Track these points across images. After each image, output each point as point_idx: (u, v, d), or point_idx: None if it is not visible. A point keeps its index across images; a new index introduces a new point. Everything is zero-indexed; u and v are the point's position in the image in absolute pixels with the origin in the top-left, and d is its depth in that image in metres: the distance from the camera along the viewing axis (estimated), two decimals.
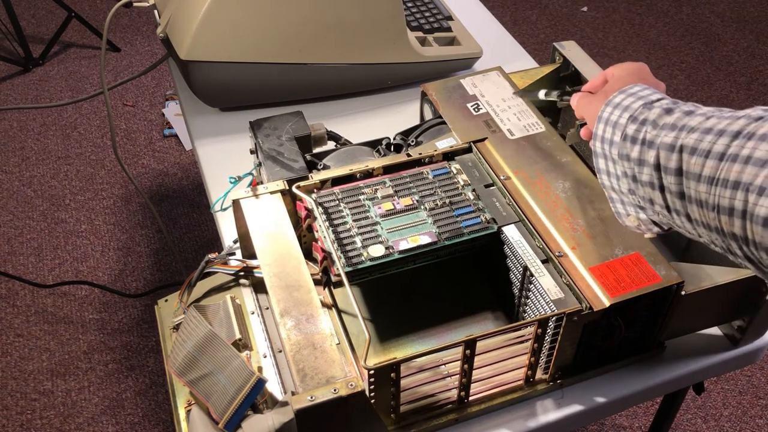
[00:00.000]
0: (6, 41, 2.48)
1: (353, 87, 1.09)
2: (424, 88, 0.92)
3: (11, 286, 1.79)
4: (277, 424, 0.59)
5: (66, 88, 2.38)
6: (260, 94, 1.05)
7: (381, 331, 0.75)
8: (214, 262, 0.77)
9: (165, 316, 0.77)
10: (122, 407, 1.56)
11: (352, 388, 0.57)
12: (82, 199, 2.02)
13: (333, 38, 1.01)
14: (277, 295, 0.64)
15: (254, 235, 0.70)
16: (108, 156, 2.15)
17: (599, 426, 1.54)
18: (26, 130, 2.23)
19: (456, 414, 0.68)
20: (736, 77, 2.50)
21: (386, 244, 0.71)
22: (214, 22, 0.95)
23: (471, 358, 0.64)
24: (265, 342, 0.71)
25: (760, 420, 1.55)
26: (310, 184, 0.76)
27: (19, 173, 2.09)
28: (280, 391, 0.67)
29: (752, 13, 2.81)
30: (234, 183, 0.90)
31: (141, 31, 2.64)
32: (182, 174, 2.11)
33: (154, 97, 2.37)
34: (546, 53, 2.40)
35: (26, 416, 1.54)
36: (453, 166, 0.80)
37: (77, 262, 1.85)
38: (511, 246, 0.71)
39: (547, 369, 0.70)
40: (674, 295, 0.67)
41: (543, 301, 0.68)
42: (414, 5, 1.19)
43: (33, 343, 1.67)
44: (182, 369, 0.66)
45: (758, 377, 1.63)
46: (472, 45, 1.14)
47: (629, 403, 0.75)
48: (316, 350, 0.60)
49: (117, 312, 1.75)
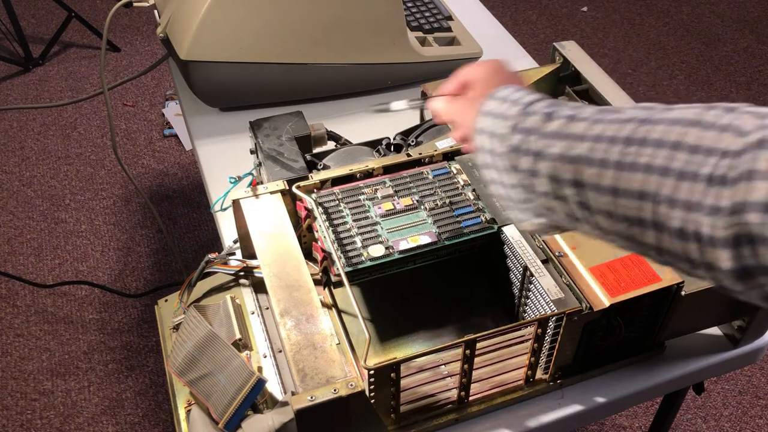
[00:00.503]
0: (6, 41, 2.48)
1: (353, 87, 1.09)
2: (424, 88, 0.92)
3: (11, 286, 1.79)
4: (277, 424, 0.59)
5: (66, 88, 2.38)
6: (260, 94, 1.05)
7: (381, 331, 0.75)
8: (214, 262, 0.77)
9: (165, 316, 0.77)
10: (122, 407, 1.56)
11: (352, 388, 0.57)
12: (82, 199, 2.02)
13: (333, 38, 1.01)
14: (277, 295, 0.64)
15: (254, 235, 0.70)
16: (108, 156, 2.15)
17: (599, 426, 1.54)
18: (26, 130, 2.23)
19: (456, 414, 0.68)
20: (736, 77, 2.50)
21: (386, 244, 0.71)
22: (214, 22, 0.95)
23: (471, 358, 0.64)
24: (265, 342, 0.71)
25: (760, 420, 1.55)
26: (310, 184, 0.76)
27: (19, 173, 2.09)
28: (280, 391, 0.67)
29: (752, 13, 2.81)
30: (234, 183, 0.90)
31: (141, 31, 2.64)
32: (182, 174, 2.11)
33: (154, 97, 2.37)
34: (546, 53, 2.40)
35: (26, 416, 1.54)
36: (453, 166, 0.80)
37: (77, 262, 1.85)
38: (511, 246, 0.71)
39: (547, 369, 0.70)
40: (674, 295, 0.67)
41: (543, 301, 0.68)
42: (414, 5, 1.19)
43: (33, 343, 1.67)
44: (182, 369, 0.66)
45: (758, 377, 1.63)
46: (472, 45, 1.14)
47: (629, 403, 0.75)
48: (316, 350, 0.60)
49: (117, 312, 1.75)
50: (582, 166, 0.49)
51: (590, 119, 0.51)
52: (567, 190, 0.51)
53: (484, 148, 0.59)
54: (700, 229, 0.42)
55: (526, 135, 0.54)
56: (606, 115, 0.50)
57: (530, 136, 0.54)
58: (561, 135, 0.51)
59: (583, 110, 0.52)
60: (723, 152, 0.41)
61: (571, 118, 0.52)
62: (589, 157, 0.48)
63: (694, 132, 0.44)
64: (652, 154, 0.45)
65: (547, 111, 0.54)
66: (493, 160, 0.58)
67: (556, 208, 0.54)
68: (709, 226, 0.41)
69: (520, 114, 0.56)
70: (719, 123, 0.43)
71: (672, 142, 0.44)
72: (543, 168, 0.52)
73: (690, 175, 0.42)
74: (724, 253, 0.41)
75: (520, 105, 0.57)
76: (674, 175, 0.43)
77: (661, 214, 0.44)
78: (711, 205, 0.41)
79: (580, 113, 0.52)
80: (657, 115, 0.47)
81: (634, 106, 0.49)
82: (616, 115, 0.49)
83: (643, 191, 0.45)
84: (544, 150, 0.52)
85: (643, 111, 0.48)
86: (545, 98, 0.57)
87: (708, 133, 0.43)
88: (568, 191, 0.51)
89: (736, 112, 0.43)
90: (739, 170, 0.40)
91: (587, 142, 0.49)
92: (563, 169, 0.51)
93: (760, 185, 0.38)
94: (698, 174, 0.42)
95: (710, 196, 0.41)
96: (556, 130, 0.52)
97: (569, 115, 0.52)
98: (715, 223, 0.40)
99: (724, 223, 0.40)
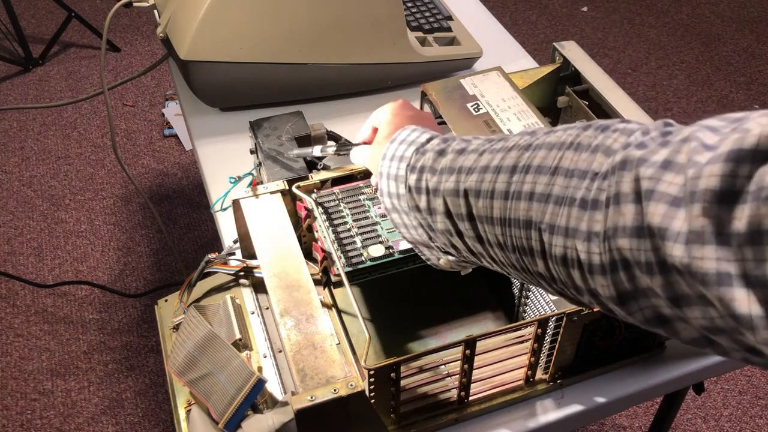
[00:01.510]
0: (6, 41, 2.48)
1: (353, 87, 1.09)
2: (424, 88, 0.92)
3: (11, 286, 1.79)
4: (277, 424, 0.59)
5: (66, 88, 2.38)
6: (260, 94, 1.05)
7: (381, 331, 0.75)
8: (214, 262, 0.77)
9: (165, 316, 0.77)
10: (122, 407, 1.56)
11: (352, 388, 0.57)
12: (82, 199, 2.02)
13: (333, 38, 1.01)
14: (277, 295, 0.64)
15: (254, 235, 0.70)
16: (108, 156, 2.15)
17: (599, 426, 1.54)
18: (26, 130, 2.23)
19: (456, 414, 0.68)
20: (736, 77, 2.50)
21: (386, 244, 0.71)
22: (214, 22, 0.95)
23: (471, 358, 0.64)
24: (265, 342, 0.71)
25: (760, 420, 1.55)
26: (310, 184, 0.76)
27: (19, 173, 2.09)
28: (280, 391, 0.67)
29: (752, 13, 2.81)
30: (234, 183, 0.90)
31: (141, 31, 2.64)
32: (182, 174, 2.11)
33: (154, 97, 2.37)
34: (546, 53, 2.40)
35: (26, 416, 1.54)
36: None
37: (77, 262, 1.85)
38: None
39: (547, 369, 0.70)
40: None
41: (543, 301, 0.68)
42: (414, 5, 1.19)
43: (33, 343, 1.67)
44: (182, 369, 0.66)
45: (758, 377, 1.63)
46: (472, 45, 1.14)
47: (629, 403, 0.75)
48: (316, 350, 0.60)
49: (117, 312, 1.75)
50: (472, 199, 0.49)
51: (478, 150, 0.50)
52: (462, 224, 0.51)
53: (387, 192, 0.59)
54: (579, 256, 0.41)
55: (420, 174, 0.54)
56: (493, 144, 0.50)
57: (424, 174, 0.54)
58: (452, 170, 0.51)
59: (471, 142, 0.53)
60: (593, 174, 0.40)
61: (461, 151, 0.52)
62: (478, 189, 0.48)
63: (569, 155, 0.43)
64: (533, 180, 0.44)
65: (439, 148, 0.54)
66: (396, 202, 0.58)
67: (456, 244, 0.53)
68: (585, 252, 0.40)
69: (415, 154, 0.56)
70: (593, 143, 0.42)
71: (551, 168, 0.43)
72: (438, 205, 0.52)
73: (567, 201, 0.41)
74: (601, 279, 0.40)
75: (416, 145, 0.57)
76: (553, 201, 0.42)
77: (545, 242, 0.43)
78: (586, 230, 0.40)
79: (468, 146, 0.52)
80: (538, 140, 0.46)
81: (520, 133, 0.49)
82: (501, 144, 0.49)
83: (528, 220, 0.44)
84: (438, 187, 0.52)
85: (527, 137, 0.47)
86: (440, 136, 0.57)
87: (582, 155, 0.42)
88: (462, 226, 0.51)
89: (607, 131, 0.42)
90: (607, 193, 0.39)
91: (475, 173, 0.49)
92: (456, 204, 0.50)
93: (626, 209, 0.37)
94: (574, 198, 0.41)
95: (584, 221, 0.40)
96: (448, 166, 0.52)
97: (459, 149, 0.52)
98: (591, 248, 0.39)
99: (599, 249, 0.39)
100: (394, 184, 0.58)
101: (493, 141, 0.50)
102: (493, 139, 0.51)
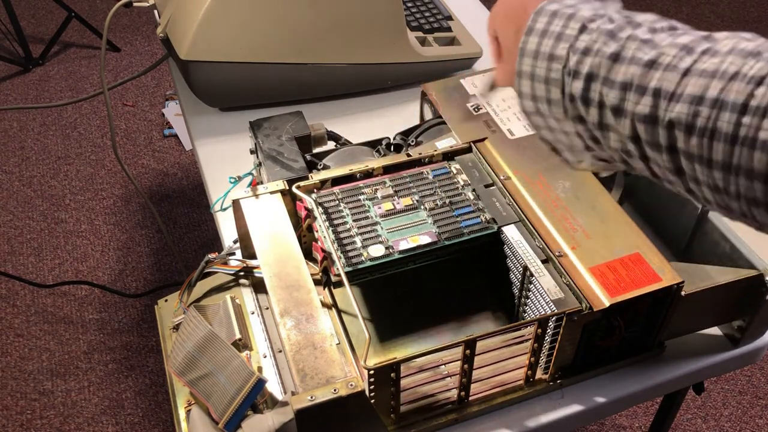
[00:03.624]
0: (6, 41, 2.48)
1: (353, 87, 1.09)
2: (424, 88, 0.92)
3: (11, 286, 1.79)
4: (277, 424, 0.59)
5: (66, 88, 2.39)
6: (260, 94, 1.05)
7: (381, 331, 0.75)
8: (214, 262, 0.77)
9: (165, 316, 0.77)
10: (122, 407, 1.56)
11: (352, 388, 0.57)
12: (82, 199, 2.02)
13: (333, 38, 1.01)
14: (277, 295, 0.64)
15: (254, 235, 0.70)
16: (108, 156, 2.15)
17: (599, 426, 1.54)
18: (26, 130, 2.23)
19: (456, 414, 0.68)
20: None
21: (386, 244, 0.71)
22: (214, 22, 0.95)
23: (471, 358, 0.64)
24: (265, 342, 0.71)
25: (760, 420, 1.55)
26: (310, 184, 0.76)
27: (19, 173, 2.09)
28: (280, 391, 0.67)
29: (752, 13, 2.81)
30: (234, 183, 0.90)
31: (141, 31, 2.64)
32: (182, 174, 2.11)
33: (154, 97, 2.37)
34: None
35: (26, 416, 1.54)
36: (453, 166, 0.80)
37: (77, 262, 1.85)
38: (511, 246, 0.71)
39: (547, 369, 0.70)
40: (674, 295, 0.67)
41: (543, 301, 0.68)
42: (414, 5, 1.19)
43: (33, 343, 1.67)
44: (182, 369, 0.66)
45: (758, 377, 1.63)
46: (472, 45, 1.14)
47: (629, 403, 0.75)
48: (316, 350, 0.60)
49: (117, 312, 1.75)
50: (680, 133, 0.42)
51: (677, 68, 0.43)
52: (656, 155, 0.44)
53: (532, 95, 0.51)
54: None
55: (587, 82, 0.47)
56: (695, 59, 0.42)
57: (594, 84, 0.46)
58: (642, 89, 0.44)
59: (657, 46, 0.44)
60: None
61: (650, 64, 0.44)
62: (691, 125, 0.41)
63: None
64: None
65: (611, 51, 0.46)
66: (543, 107, 0.51)
67: (634, 165, 0.47)
68: None
69: (570, 51, 0.47)
70: None
71: None
72: (623, 128, 0.45)
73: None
74: None
75: (567, 40, 0.48)
76: None
77: None
78: None
79: (656, 52, 0.44)
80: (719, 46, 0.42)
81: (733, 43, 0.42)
82: (709, 61, 0.42)
83: (764, 173, 0.39)
84: (622, 106, 0.45)
85: (752, 60, 0.41)
86: (593, 19, 0.48)
87: None
88: (656, 156, 0.44)
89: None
90: None
91: (683, 103, 0.42)
92: (652, 132, 0.43)
93: None
94: None
95: None
96: (635, 82, 0.44)
97: (645, 60, 0.44)
98: None
99: None
100: (543, 87, 0.50)
101: (693, 51, 0.43)
102: (685, 44, 0.43)
